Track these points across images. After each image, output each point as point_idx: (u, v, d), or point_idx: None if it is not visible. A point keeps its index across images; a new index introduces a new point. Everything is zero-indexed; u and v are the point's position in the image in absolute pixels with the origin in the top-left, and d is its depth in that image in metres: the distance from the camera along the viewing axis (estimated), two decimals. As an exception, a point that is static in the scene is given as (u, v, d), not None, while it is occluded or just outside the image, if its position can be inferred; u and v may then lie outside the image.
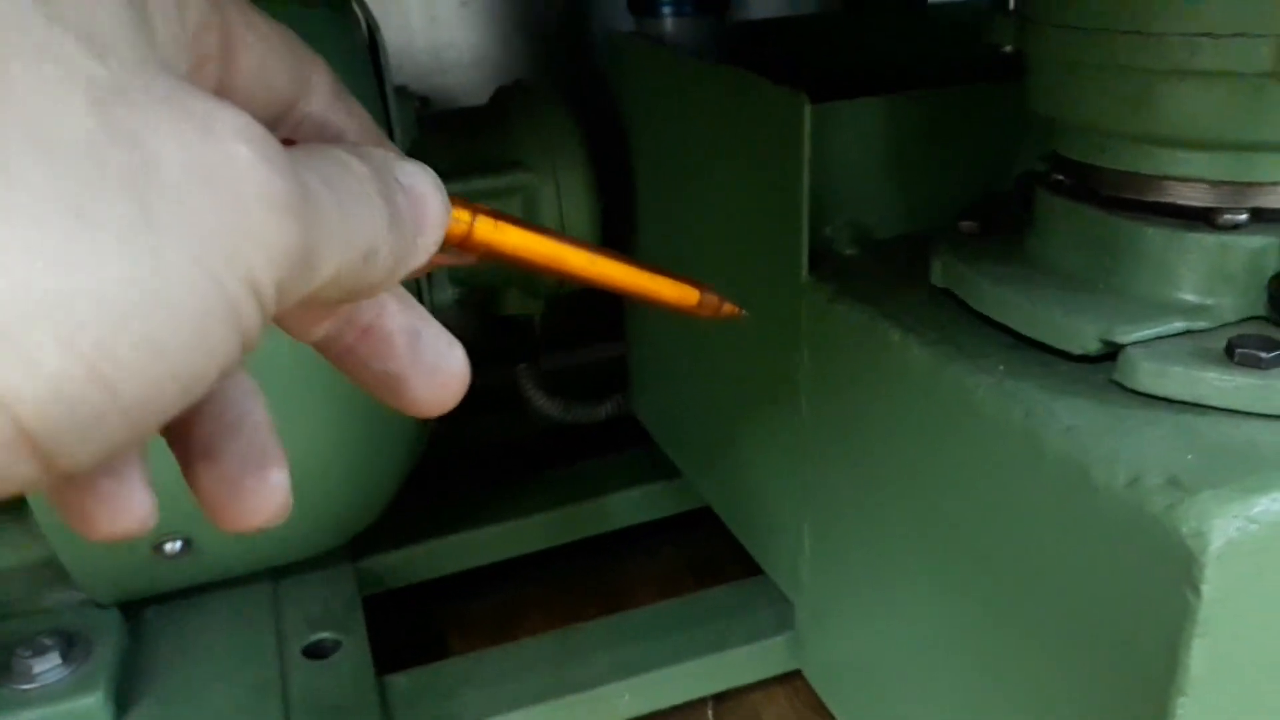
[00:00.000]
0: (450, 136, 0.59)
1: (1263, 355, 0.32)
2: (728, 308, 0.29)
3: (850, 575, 0.48)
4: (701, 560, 0.70)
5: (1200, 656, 0.29)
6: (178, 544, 0.51)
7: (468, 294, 0.62)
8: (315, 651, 0.56)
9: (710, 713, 0.58)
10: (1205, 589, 0.28)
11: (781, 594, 0.56)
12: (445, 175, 0.21)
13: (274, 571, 0.60)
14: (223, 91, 0.19)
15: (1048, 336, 0.36)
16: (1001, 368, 0.36)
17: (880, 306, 0.42)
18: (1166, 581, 0.29)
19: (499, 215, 0.22)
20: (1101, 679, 0.32)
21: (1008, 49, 0.39)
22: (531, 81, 0.64)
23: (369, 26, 0.52)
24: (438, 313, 0.57)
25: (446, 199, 0.20)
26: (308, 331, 0.22)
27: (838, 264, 0.47)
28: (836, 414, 0.46)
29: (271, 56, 0.20)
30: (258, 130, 0.15)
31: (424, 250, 0.20)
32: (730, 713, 0.58)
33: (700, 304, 0.28)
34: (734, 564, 0.62)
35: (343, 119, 0.22)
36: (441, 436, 0.63)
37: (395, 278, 0.19)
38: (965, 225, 0.43)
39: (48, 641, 0.51)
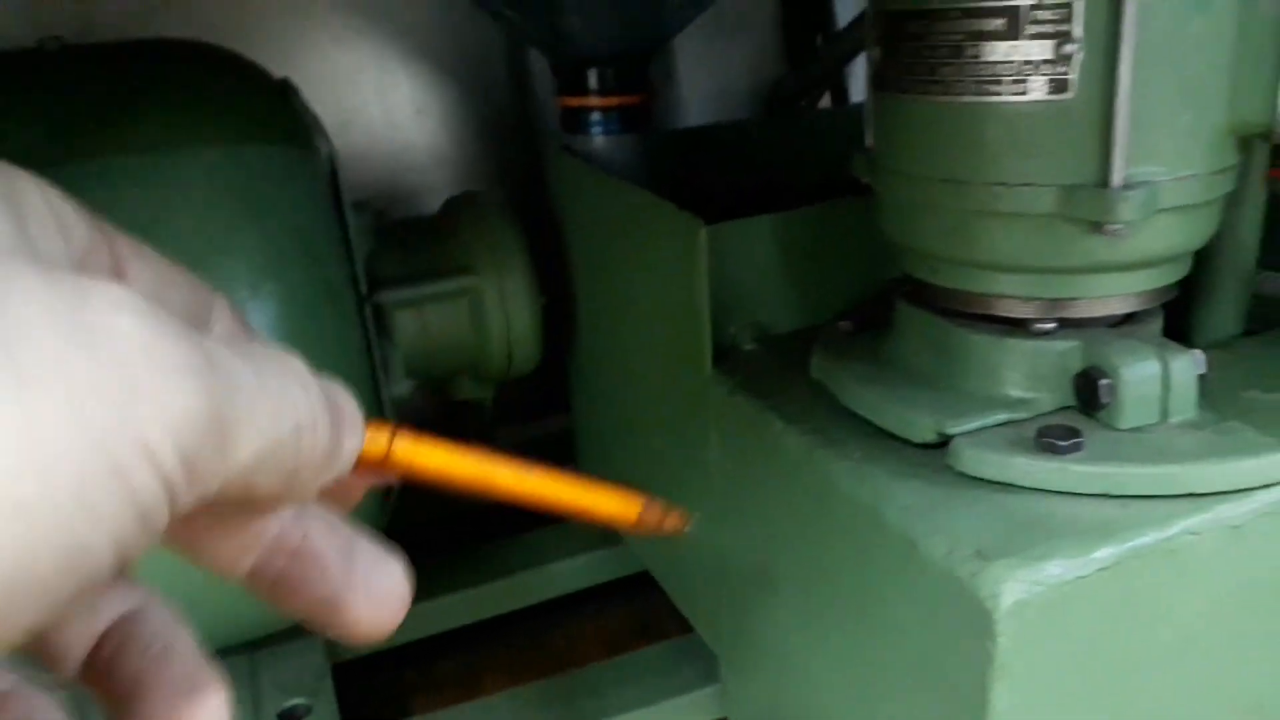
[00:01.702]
0: (404, 246, 0.66)
1: (1060, 443, 0.39)
2: (670, 522, 0.27)
3: (761, 629, 0.54)
4: (647, 620, 0.76)
5: (1001, 695, 0.35)
6: (163, 622, 0.56)
7: (422, 384, 0.69)
8: (288, 716, 0.62)
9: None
10: (1000, 640, 0.34)
11: (709, 648, 0.62)
12: (401, 281, 0.24)
13: (250, 643, 0.66)
14: None
15: (895, 427, 0.43)
16: (859, 454, 0.43)
17: (768, 399, 0.49)
18: (973, 634, 0.35)
19: (420, 435, 0.22)
20: (942, 717, 0.39)
21: (865, 181, 0.47)
22: (478, 192, 0.71)
23: (330, 157, 0.59)
24: (397, 405, 0.64)
25: (359, 407, 0.20)
26: (237, 560, 0.21)
27: (739, 359, 0.54)
28: (741, 488, 0.52)
29: (167, 287, 0.20)
30: (141, 301, 0.15)
31: (348, 453, 0.19)
32: (668, 759, 0.64)
33: (640, 520, 0.27)
34: (674, 623, 0.68)
35: None
36: (401, 511, 0.69)
37: (323, 476, 0.18)
38: (842, 325, 0.50)
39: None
